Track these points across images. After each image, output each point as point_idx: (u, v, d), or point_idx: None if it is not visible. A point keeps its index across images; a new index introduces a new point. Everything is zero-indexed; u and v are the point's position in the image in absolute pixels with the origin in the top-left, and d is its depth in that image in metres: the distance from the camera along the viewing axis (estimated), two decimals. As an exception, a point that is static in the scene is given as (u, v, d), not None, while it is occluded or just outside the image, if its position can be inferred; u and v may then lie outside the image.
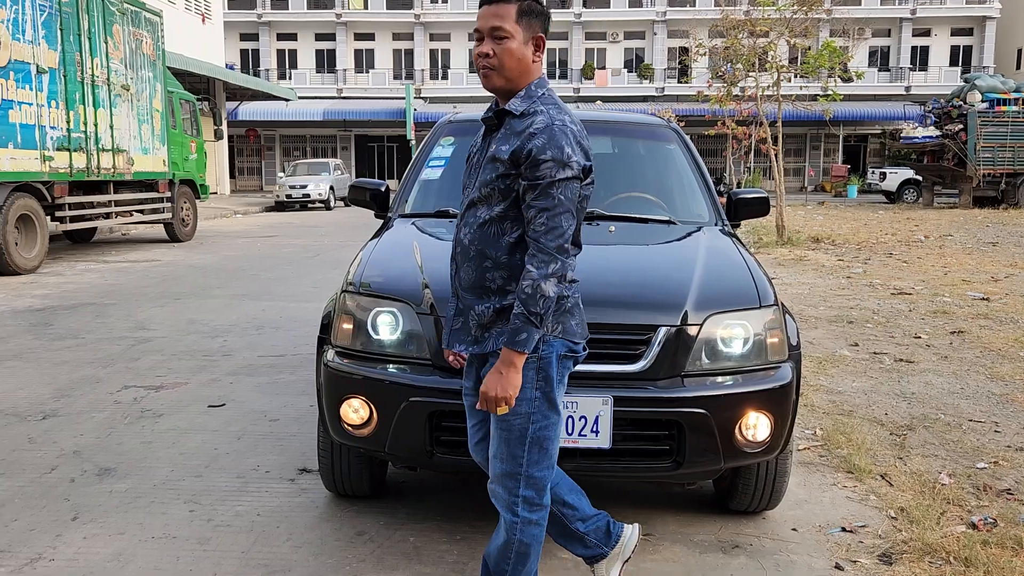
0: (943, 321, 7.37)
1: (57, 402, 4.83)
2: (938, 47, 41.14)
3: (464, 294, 2.29)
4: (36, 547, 2.99)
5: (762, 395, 2.79)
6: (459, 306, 2.32)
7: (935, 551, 2.95)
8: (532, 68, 2.25)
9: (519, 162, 2.15)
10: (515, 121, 2.21)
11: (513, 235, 2.21)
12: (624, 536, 2.58)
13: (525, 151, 2.14)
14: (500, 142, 2.22)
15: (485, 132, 2.33)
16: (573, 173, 2.14)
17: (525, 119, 2.20)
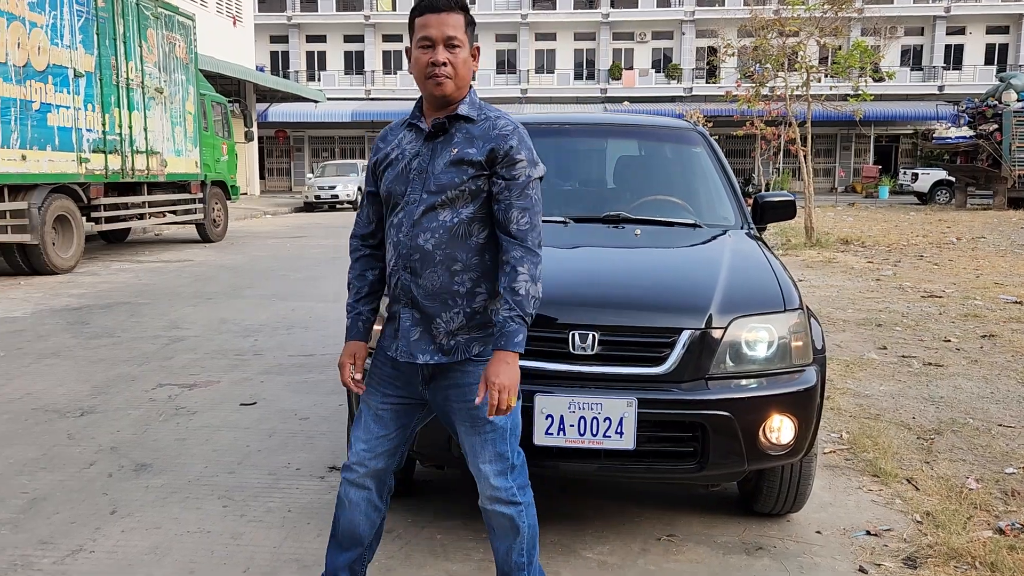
0: (974, 324, 7.30)
1: (94, 399, 4.96)
2: (973, 45, 40.51)
3: (425, 303, 2.25)
4: (77, 539, 3.09)
5: (786, 398, 2.81)
6: (415, 315, 2.27)
7: (960, 556, 2.95)
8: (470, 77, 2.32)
9: (495, 162, 2.21)
10: (471, 126, 2.26)
11: (481, 236, 2.25)
12: None
13: (502, 151, 2.20)
14: (461, 146, 2.24)
15: (424, 138, 2.29)
16: (541, 173, 2.27)
17: (483, 123, 2.26)
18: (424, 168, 2.25)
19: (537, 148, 3.96)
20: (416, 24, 2.23)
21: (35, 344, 6.51)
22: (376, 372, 2.39)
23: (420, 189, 2.24)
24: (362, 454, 2.38)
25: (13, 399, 4.95)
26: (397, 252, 2.27)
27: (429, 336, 2.27)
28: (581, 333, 2.76)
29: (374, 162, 2.37)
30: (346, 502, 2.42)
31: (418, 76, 2.25)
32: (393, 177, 2.29)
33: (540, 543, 3.04)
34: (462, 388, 2.28)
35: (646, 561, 2.97)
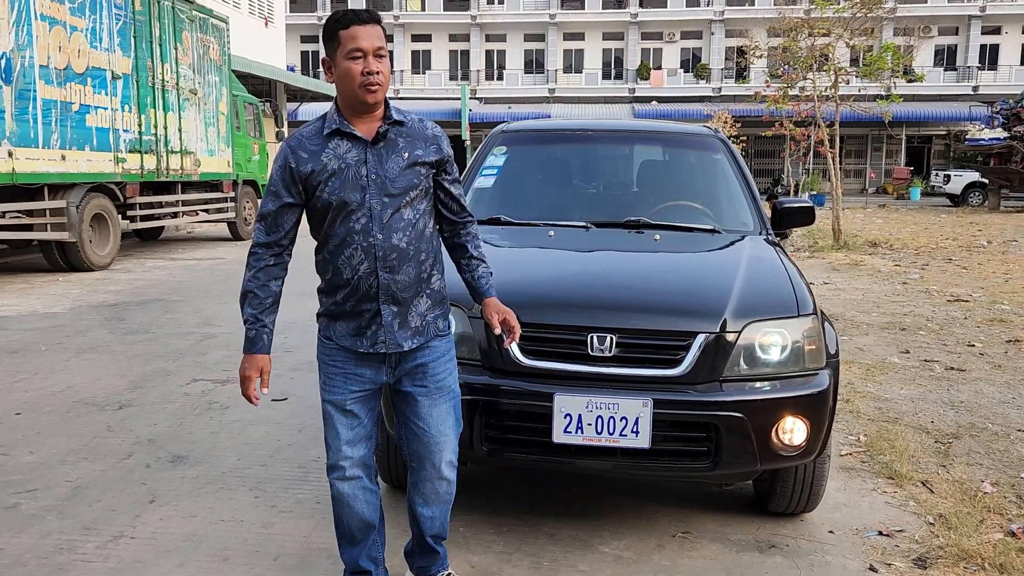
0: (999, 330, 7.28)
1: (132, 393, 5.15)
2: (1009, 45, 39.87)
3: (403, 295, 2.43)
4: (118, 526, 3.25)
5: (799, 400, 2.89)
6: (393, 309, 2.43)
7: (970, 557, 3.01)
8: None
9: (441, 163, 2.51)
10: (403, 128, 2.44)
11: (430, 226, 2.52)
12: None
13: (444, 153, 2.51)
14: (408, 149, 2.43)
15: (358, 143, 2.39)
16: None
17: (410, 125, 2.46)
18: (377, 173, 2.38)
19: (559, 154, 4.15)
20: (342, 36, 2.32)
21: (74, 339, 6.73)
22: (336, 370, 2.49)
23: (377, 194, 2.38)
24: (344, 450, 2.51)
25: (55, 392, 5.15)
26: (372, 255, 2.39)
27: (407, 324, 2.46)
28: (599, 335, 2.86)
29: (305, 173, 2.38)
30: (344, 499, 2.56)
31: (349, 85, 2.34)
32: (341, 185, 2.37)
33: (558, 539, 3.18)
34: (430, 363, 2.50)
35: (661, 557, 3.06)
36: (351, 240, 2.39)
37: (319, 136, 2.41)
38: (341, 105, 2.42)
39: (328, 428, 2.53)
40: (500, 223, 3.93)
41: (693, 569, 2.98)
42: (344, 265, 2.41)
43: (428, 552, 2.72)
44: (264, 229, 2.45)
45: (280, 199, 2.42)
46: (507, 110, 38.44)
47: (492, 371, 2.94)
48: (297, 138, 2.44)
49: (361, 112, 2.40)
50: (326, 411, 2.52)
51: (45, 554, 3.01)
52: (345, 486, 2.54)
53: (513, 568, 2.95)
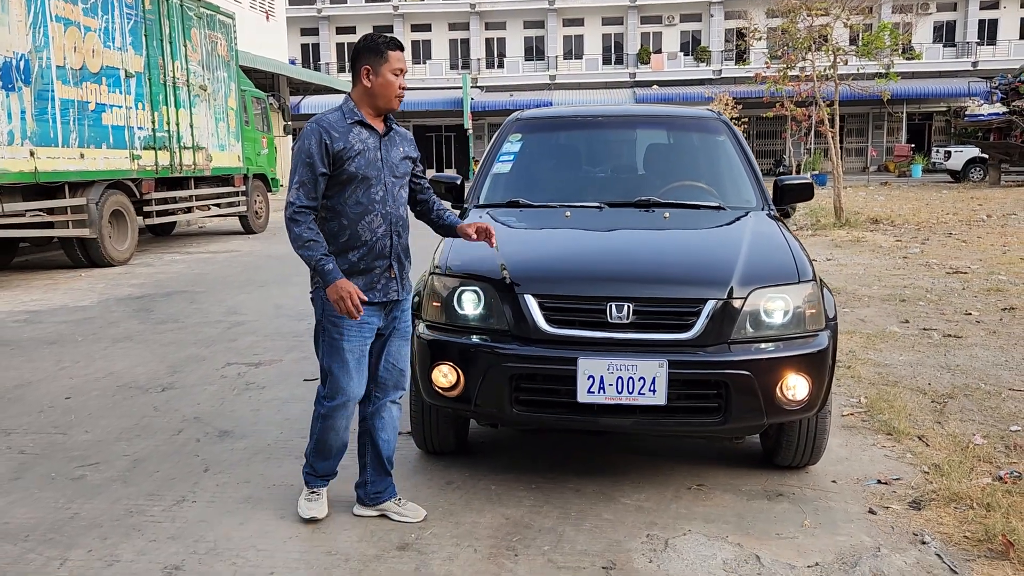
0: (996, 299, 7.54)
1: (171, 377, 5.44)
2: (1008, 19, 39.88)
3: (402, 255, 3.14)
4: (179, 492, 3.55)
5: (801, 359, 3.17)
6: (399, 266, 3.12)
7: (961, 499, 3.30)
8: None
9: (416, 159, 3.27)
10: (398, 131, 3.19)
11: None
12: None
13: (418, 153, 3.30)
14: (402, 145, 3.18)
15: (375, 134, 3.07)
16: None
17: (399, 129, 3.22)
18: (388, 159, 3.09)
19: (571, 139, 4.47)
20: (391, 56, 3.01)
21: (107, 330, 7.03)
22: (352, 321, 3.01)
23: (389, 174, 3.08)
24: (357, 387, 3.11)
25: (98, 378, 5.45)
26: (387, 221, 3.06)
27: (404, 278, 3.17)
28: (617, 304, 3.14)
29: (337, 150, 2.95)
30: (336, 426, 3.15)
31: (388, 92, 3.03)
32: (365, 163, 3.00)
33: (583, 493, 3.48)
34: (405, 312, 3.24)
35: (678, 506, 3.35)
36: (373, 208, 3.03)
37: (344, 122, 3.02)
38: (363, 104, 3.06)
39: (339, 375, 3.06)
40: (519, 206, 4.20)
41: (707, 516, 3.27)
42: (364, 229, 3.03)
43: (383, 476, 3.28)
44: (305, 195, 2.97)
45: (316, 169, 2.96)
46: (508, 98, 38.60)
47: (519, 340, 3.22)
48: (327, 121, 3.02)
49: (379, 113, 3.09)
50: (344, 360, 3.05)
51: (118, 517, 3.31)
52: (343, 418, 3.15)
53: (544, 519, 3.24)
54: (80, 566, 2.92)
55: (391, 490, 3.29)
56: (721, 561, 2.90)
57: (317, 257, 2.94)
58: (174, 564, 2.92)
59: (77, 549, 3.04)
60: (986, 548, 2.93)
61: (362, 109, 3.05)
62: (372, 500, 3.27)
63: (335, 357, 3.05)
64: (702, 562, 2.89)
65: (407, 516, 3.24)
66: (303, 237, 2.95)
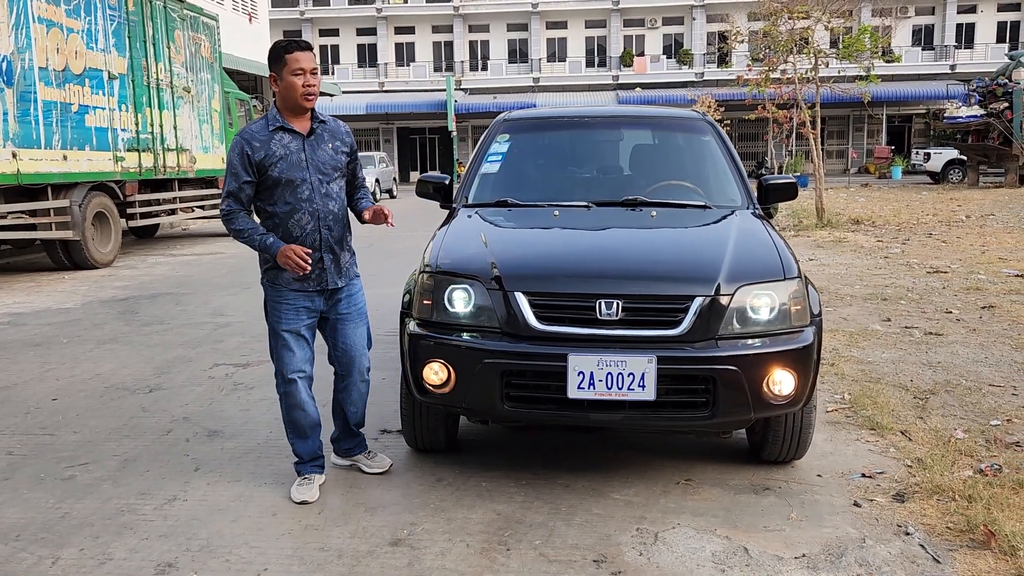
0: (975, 297, 7.65)
1: (158, 378, 5.43)
2: (984, 23, 40.42)
3: (336, 247, 3.41)
4: (170, 490, 3.55)
5: (787, 354, 3.22)
6: (331, 257, 3.40)
7: (943, 491, 3.36)
8: None
9: (352, 152, 3.51)
10: (324, 126, 3.40)
11: (344, 196, 3.50)
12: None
13: (352, 145, 3.52)
14: (330, 140, 3.40)
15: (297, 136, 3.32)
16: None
17: (328, 124, 3.43)
18: (313, 158, 3.32)
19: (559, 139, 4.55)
20: (288, 59, 3.22)
21: (92, 332, 7.00)
22: (289, 306, 3.39)
23: (315, 173, 3.33)
24: (300, 363, 3.43)
25: (85, 379, 5.43)
26: (315, 217, 3.33)
27: (339, 267, 3.44)
28: (607, 301, 3.18)
29: (259, 159, 3.25)
30: (299, 403, 3.45)
31: (292, 95, 3.24)
32: (288, 166, 3.27)
33: (573, 488, 3.52)
34: (352, 296, 3.51)
35: (667, 500, 3.40)
36: (300, 207, 3.32)
37: (266, 131, 3.30)
38: (282, 108, 3.32)
39: (284, 351, 3.41)
40: (507, 205, 4.24)
41: (696, 509, 3.31)
42: (294, 226, 3.33)
43: (352, 436, 3.72)
44: (233, 201, 3.34)
45: (240, 178, 3.30)
46: (492, 100, 38.66)
47: (510, 337, 3.25)
48: (249, 132, 3.32)
49: (297, 113, 3.32)
50: (283, 338, 3.40)
51: (109, 516, 3.31)
52: (300, 394, 3.44)
53: (534, 514, 3.27)
54: (72, 564, 2.92)
55: (362, 445, 3.75)
56: (710, 553, 2.94)
57: (257, 239, 3.30)
58: (167, 561, 2.92)
59: (69, 548, 3.04)
60: (968, 538, 2.99)
61: (282, 114, 3.32)
62: (344, 453, 3.75)
63: (276, 338, 3.44)
64: (691, 555, 2.94)
65: (374, 468, 3.68)
66: (240, 229, 3.34)
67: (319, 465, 3.58)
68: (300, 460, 3.54)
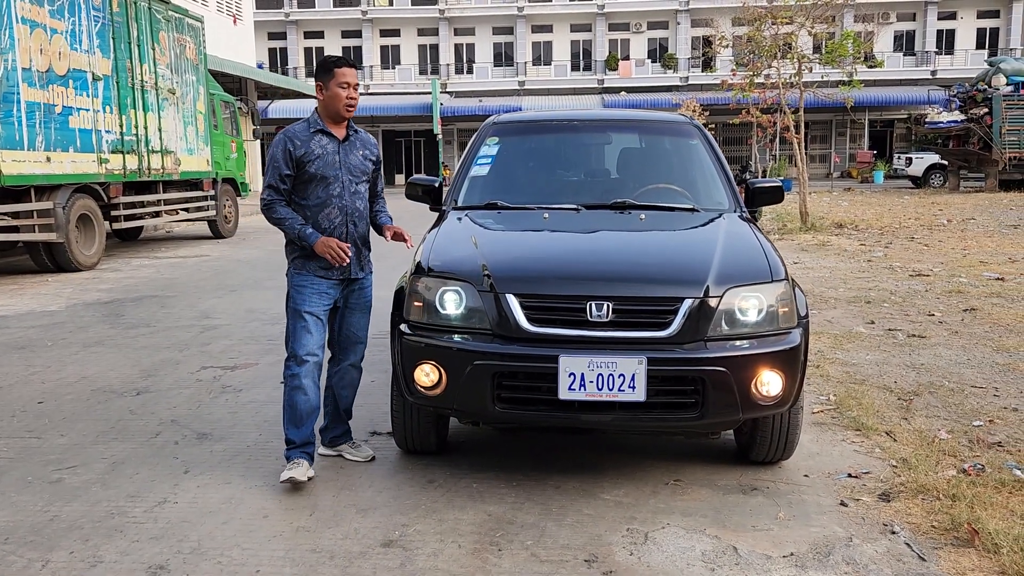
0: (957, 300, 7.75)
1: (145, 381, 5.41)
2: (964, 30, 40.89)
3: (358, 241, 3.72)
4: (160, 493, 3.55)
5: (774, 356, 3.26)
6: (354, 249, 3.68)
7: (927, 490, 3.41)
8: None
9: (377, 161, 3.86)
10: (357, 136, 3.76)
11: (367, 199, 3.83)
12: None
13: (379, 155, 3.88)
14: (361, 148, 3.75)
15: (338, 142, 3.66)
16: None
17: (360, 134, 3.79)
18: (346, 161, 3.67)
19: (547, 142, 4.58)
20: (336, 72, 3.59)
21: (77, 335, 6.95)
22: (312, 291, 3.63)
23: (346, 173, 3.66)
24: (314, 345, 3.62)
25: (71, 382, 5.40)
26: (344, 212, 3.65)
27: (360, 260, 3.75)
28: (597, 303, 3.21)
29: (299, 155, 3.58)
30: (304, 388, 3.60)
31: (336, 104, 3.60)
32: (323, 165, 3.60)
33: (564, 489, 3.54)
34: (364, 289, 3.82)
35: (656, 501, 3.42)
36: (330, 202, 3.64)
37: (307, 132, 3.65)
38: (323, 114, 3.66)
39: (303, 332, 3.60)
40: (497, 208, 4.26)
41: (686, 509, 3.35)
42: (324, 219, 3.63)
43: (341, 423, 3.91)
44: (274, 191, 3.62)
45: (281, 171, 3.61)
46: (478, 103, 38.70)
47: (501, 339, 3.27)
48: (292, 131, 3.67)
49: (336, 121, 3.67)
50: (304, 319, 3.60)
51: (99, 519, 3.30)
52: (308, 378, 3.61)
53: (525, 515, 3.29)
54: (63, 567, 2.91)
55: (347, 435, 3.95)
56: (700, 553, 2.97)
57: (296, 228, 3.58)
58: (159, 564, 2.92)
59: (59, 551, 3.03)
60: (952, 536, 3.04)
61: (323, 119, 3.67)
62: (331, 443, 3.94)
63: (297, 319, 3.63)
64: (681, 554, 2.97)
65: (358, 457, 3.87)
66: (280, 218, 3.62)
67: (309, 453, 3.68)
68: (292, 445, 3.65)
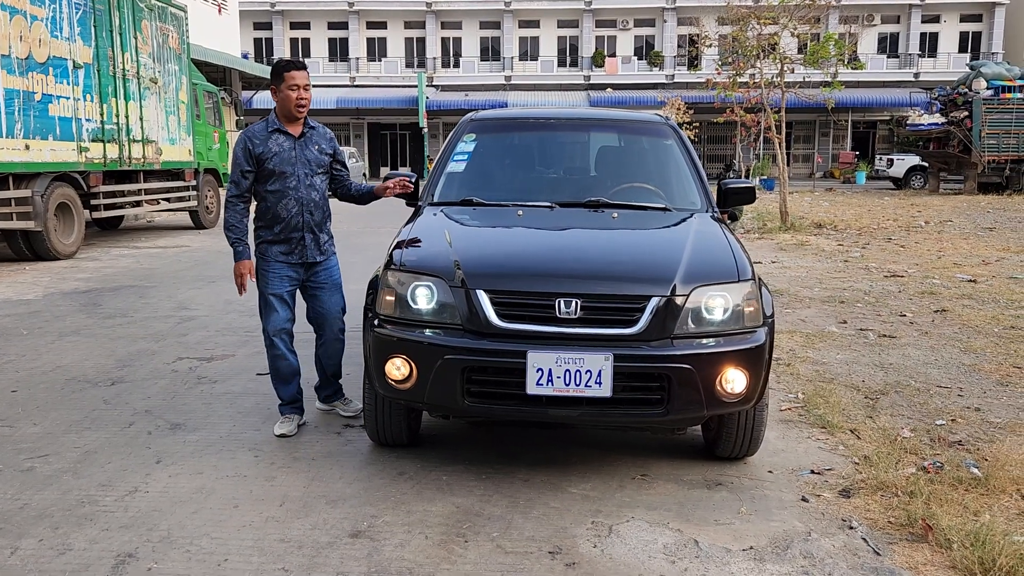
0: (929, 301, 7.87)
1: (121, 371, 5.42)
2: (947, 33, 41.26)
3: (316, 229, 4.16)
4: (132, 482, 3.57)
5: (739, 354, 3.33)
6: (310, 236, 4.14)
7: (886, 487, 3.49)
8: None
9: (335, 152, 4.27)
10: (314, 131, 4.18)
11: (326, 189, 4.27)
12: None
13: (336, 147, 4.30)
14: (318, 143, 4.17)
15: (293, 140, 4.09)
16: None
17: (316, 129, 4.21)
18: (302, 156, 4.10)
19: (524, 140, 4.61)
20: (286, 76, 3.99)
21: (53, 324, 6.94)
22: (275, 275, 4.12)
23: (302, 167, 4.09)
24: (282, 322, 4.18)
25: (46, 371, 5.40)
26: (300, 203, 4.08)
27: (317, 245, 4.20)
28: (566, 300, 3.26)
29: (258, 153, 4.02)
30: (282, 353, 4.20)
31: (288, 105, 4.02)
32: (280, 161, 4.04)
33: (532, 483, 3.60)
34: (329, 270, 4.27)
35: (623, 495, 3.49)
36: (288, 194, 4.07)
37: (265, 131, 4.09)
38: (279, 114, 4.10)
39: (270, 311, 4.16)
40: (472, 204, 4.30)
41: (650, 503, 3.41)
42: (282, 209, 4.07)
43: (330, 385, 4.46)
44: (236, 188, 4.10)
45: (242, 167, 4.06)
46: (464, 97, 38.66)
47: (471, 334, 3.32)
48: (251, 131, 4.12)
49: (292, 120, 4.10)
50: (269, 300, 4.14)
51: (68, 507, 3.32)
52: (282, 347, 4.19)
53: (493, 507, 3.35)
54: (31, 555, 2.93)
55: (339, 393, 4.50)
56: (661, 546, 3.04)
57: (232, 239, 4.11)
58: (127, 552, 2.95)
59: (28, 538, 3.05)
60: (907, 532, 3.12)
61: (279, 119, 4.10)
62: (325, 400, 4.51)
63: (263, 300, 4.18)
64: (643, 547, 3.03)
65: (348, 411, 4.42)
66: (229, 221, 4.12)
67: (298, 408, 4.29)
68: (282, 402, 4.26)
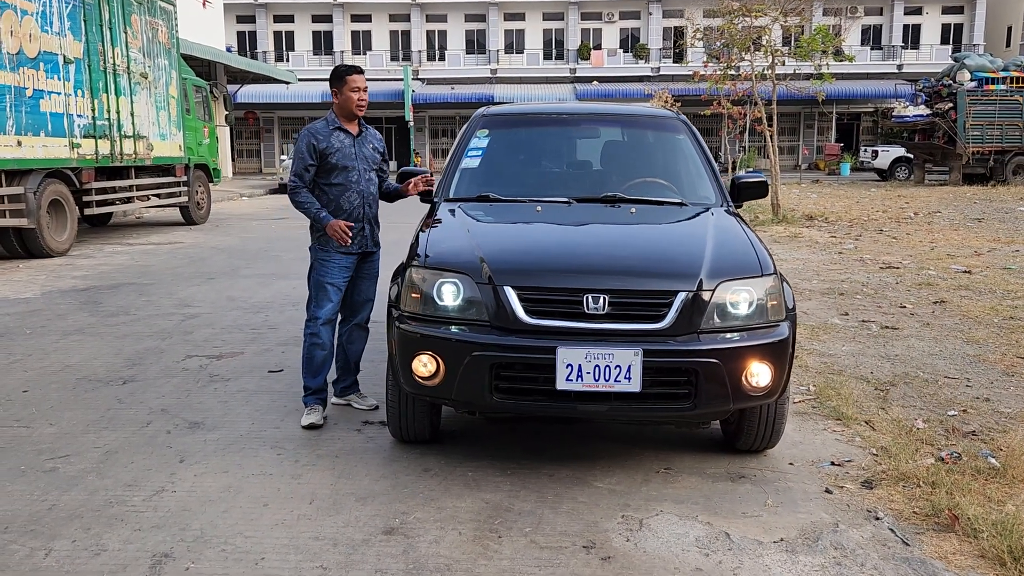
0: (927, 292, 7.96)
1: (131, 370, 5.39)
2: (929, 25, 41.53)
3: (372, 220, 4.40)
4: (157, 482, 3.57)
5: (764, 348, 3.37)
6: (368, 228, 4.38)
7: (908, 478, 3.54)
8: None
9: (383, 152, 4.52)
10: (368, 131, 4.43)
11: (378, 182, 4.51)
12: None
13: (384, 148, 4.54)
14: (372, 141, 4.43)
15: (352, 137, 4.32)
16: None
17: (369, 130, 4.46)
18: (360, 152, 4.34)
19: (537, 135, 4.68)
20: (348, 79, 4.23)
21: (56, 323, 6.88)
22: (334, 264, 4.29)
23: (361, 163, 4.33)
24: (332, 309, 4.33)
25: (55, 371, 5.37)
26: (361, 195, 4.32)
27: (374, 236, 4.45)
28: (594, 296, 3.29)
29: (322, 148, 4.22)
30: (321, 342, 4.30)
31: (350, 106, 4.25)
32: (343, 156, 4.26)
33: (557, 477, 3.62)
34: (374, 261, 4.51)
35: (648, 488, 3.52)
36: (350, 187, 4.31)
37: (327, 129, 4.30)
38: (339, 114, 4.31)
39: (324, 300, 4.29)
40: (489, 200, 4.31)
41: (677, 497, 3.44)
42: (344, 201, 4.30)
43: (350, 374, 4.56)
44: (298, 178, 4.28)
45: (306, 162, 4.26)
46: (450, 91, 38.54)
47: (499, 330, 3.33)
48: (314, 128, 4.31)
49: (350, 119, 4.33)
50: (326, 289, 4.28)
51: (97, 508, 3.31)
52: (325, 333, 4.30)
53: (522, 503, 3.37)
54: (66, 556, 2.93)
55: (355, 386, 4.60)
56: (694, 539, 3.07)
57: (314, 211, 4.24)
58: (163, 552, 2.95)
59: (61, 539, 3.05)
60: (933, 522, 3.17)
61: (339, 118, 4.32)
62: (341, 393, 4.58)
63: (320, 289, 4.30)
64: (676, 540, 3.06)
65: (363, 405, 4.51)
66: (302, 201, 4.27)
67: (323, 398, 4.39)
68: (308, 391, 4.34)
